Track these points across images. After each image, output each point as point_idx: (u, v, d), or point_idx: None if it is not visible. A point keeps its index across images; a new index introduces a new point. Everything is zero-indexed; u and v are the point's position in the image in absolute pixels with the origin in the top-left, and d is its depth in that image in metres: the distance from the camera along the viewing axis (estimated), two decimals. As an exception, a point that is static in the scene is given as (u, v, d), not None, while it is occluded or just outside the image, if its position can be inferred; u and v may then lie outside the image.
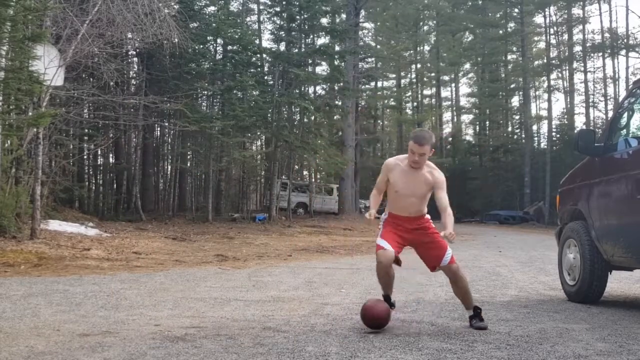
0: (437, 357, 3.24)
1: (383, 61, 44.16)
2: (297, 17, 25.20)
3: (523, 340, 3.67)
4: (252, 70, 24.71)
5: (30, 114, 10.71)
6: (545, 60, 39.93)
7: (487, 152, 44.16)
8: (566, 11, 39.15)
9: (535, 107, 43.51)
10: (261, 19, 35.43)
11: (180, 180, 27.73)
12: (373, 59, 42.84)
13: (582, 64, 38.39)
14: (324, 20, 28.22)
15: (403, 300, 5.40)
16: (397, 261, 4.15)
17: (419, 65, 50.63)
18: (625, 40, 34.55)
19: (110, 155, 26.30)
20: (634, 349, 3.45)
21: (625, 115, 5.29)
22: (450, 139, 50.21)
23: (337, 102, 28.67)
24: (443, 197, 4.07)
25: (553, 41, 40.66)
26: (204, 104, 26.15)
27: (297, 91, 25.57)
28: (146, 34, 14.03)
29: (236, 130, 22.16)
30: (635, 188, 4.58)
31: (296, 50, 25.57)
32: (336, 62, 27.74)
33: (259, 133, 28.76)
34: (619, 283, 6.68)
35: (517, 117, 44.06)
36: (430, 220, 4.22)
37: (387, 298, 4.24)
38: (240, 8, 33.05)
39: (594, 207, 5.22)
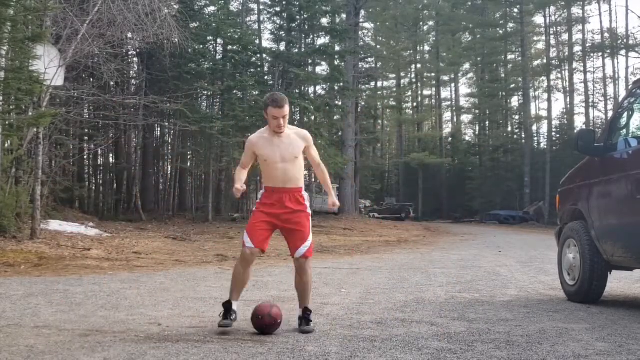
0: (437, 357, 3.24)
1: (383, 61, 44.19)
2: (297, 17, 25.20)
3: (523, 340, 3.67)
4: (252, 70, 24.71)
5: (30, 114, 10.71)
6: (545, 60, 39.95)
7: (487, 152, 44.17)
8: (566, 11, 39.17)
9: (535, 107, 43.57)
10: (261, 19, 35.48)
11: (180, 180, 27.73)
12: (373, 59, 42.86)
13: (582, 64, 38.44)
14: (324, 20, 28.22)
15: (403, 300, 5.40)
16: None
17: (419, 65, 50.67)
18: (625, 40, 34.57)
19: (110, 155, 26.31)
20: (634, 349, 3.45)
21: (625, 115, 5.29)
22: (450, 139, 50.22)
23: (337, 102, 28.66)
24: (314, 154, 4.10)
25: (553, 41, 40.69)
26: (204, 104, 26.16)
27: (297, 91, 25.56)
28: (146, 34, 14.03)
29: (236, 130, 22.15)
30: (635, 188, 4.58)
31: (296, 50, 25.57)
32: (336, 62, 27.74)
33: (259, 133, 28.70)
34: (619, 283, 6.68)
35: (517, 117, 44.08)
36: (307, 200, 4.08)
37: (228, 305, 3.95)
38: (240, 8, 33.09)
39: (594, 207, 5.22)
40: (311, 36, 28.78)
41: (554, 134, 40.22)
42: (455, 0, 43.64)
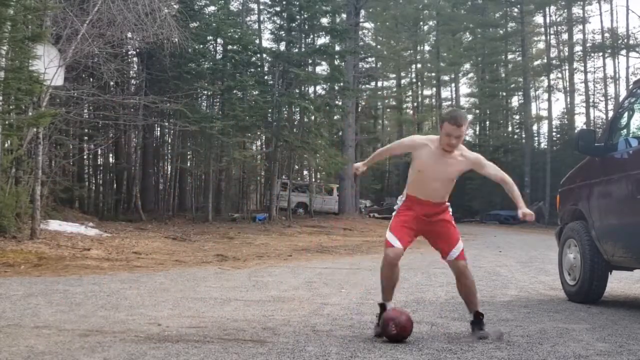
0: (437, 357, 3.24)
1: (383, 61, 44.16)
2: (297, 17, 25.17)
3: (523, 340, 3.67)
4: (252, 70, 24.69)
5: (30, 113, 10.70)
6: (545, 60, 39.92)
7: (487, 152, 44.03)
8: (566, 11, 39.14)
9: (535, 107, 43.51)
10: (261, 18, 35.47)
11: (180, 180, 27.72)
12: (373, 58, 42.84)
13: (582, 64, 38.40)
14: (324, 20, 28.20)
15: (403, 300, 5.40)
16: None
17: (419, 65, 50.64)
18: (625, 40, 34.54)
19: (110, 155, 26.29)
20: (634, 349, 3.45)
21: (626, 115, 5.29)
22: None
23: (337, 102, 28.64)
24: (493, 172, 3.88)
25: (553, 41, 40.65)
26: (204, 104, 26.12)
27: (297, 91, 25.55)
28: (146, 33, 14.03)
29: (236, 130, 22.14)
30: (635, 188, 4.57)
31: (296, 50, 25.55)
32: (336, 62, 27.72)
33: (259, 133, 28.73)
34: (619, 283, 6.67)
35: (517, 117, 44.04)
36: (450, 209, 3.98)
37: (383, 308, 3.84)
38: (240, 8, 33.05)
39: (594, 207, 5.21)
40: (311, 36, 28.77)
41: (554, 134, 40.19)
42: (456, 0, 43.62)
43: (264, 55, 25.75)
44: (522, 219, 3.75)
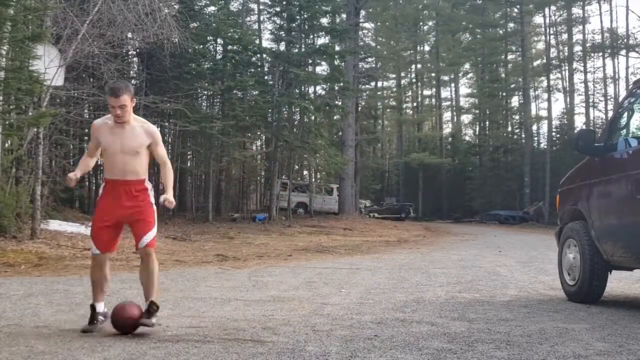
0: (437, 357, 3.24)
1: (383, 61, 44.16)
2: (297, 17, 25.18)
3: (523, 340, 3.67)
4: (252, 70, 24.70)
5: (30, 113, 10.71)
6: (545, 60, 39.93)
7: (487, 152, 44.16)
8: (566, 11, 39.16)
9: (535, 107, 43.53)
10: (261, 19, 35.50)
11: (180, 180, 27.70)
12: (373, 59, 42.84)
13: (582, 64, 38.42)
14: (324, 20, 28.20)
15: (403, 300, 5.41)
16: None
17: (419, 65, 50.67)
18: (625, 40, 34.55)
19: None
20: (634, 349, 3.45)
21: (625, 115, 5.29)
22: (450, 139, 50.22)
23: (337, 102, 28.65)
24: (160, 152, 4.03)
25: (553, 41, 40.67)
26: (204, 104, 26.14)
27: (297, 91, 25.56)
28: (146, 33, 14.03)
29: (236, 130, 22.14)
30: (635, 188, 4.58)
31: (296, 50, 25.56)
32: (336, 62, 27.72)
33: (259, 133, 28.76)
34: (619, 283, 6.68)
35: (517, 117, 44.06)
36: (150, 191, 4.01)
37: (93, 309, 3.92)
38: (240, 8, 33.06)
39: (594, 207, 5.22)
40: (311, 36, 28.77)
41: (554, 134, 40.20)
42: (455, 0, 43.62)
43: (264, 56, 25.75)
44: (162, 204, 3.94)
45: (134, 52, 22.12)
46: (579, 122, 39.67)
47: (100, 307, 3.97)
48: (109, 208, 3.94)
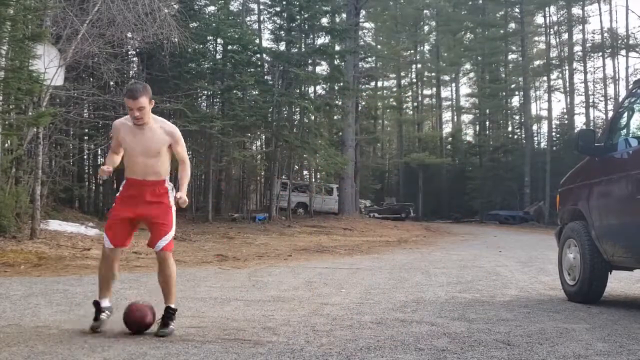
0: (437, 357, 3.24)
1: (383, 61, 44.16)
2: (297, 17, 25.18)
3: (523, 340, 3.66)
4: (252, 70, 24.68)
5: (30, 113, 10.71)
6: (545, 60, 39.92)
7: (487, 152, 44.14)
8: (566, 11, 39.15)
9: (535, 107, 43.54)
10: (261, 18, 35.50)
11: (180, 180, 27.70)
12: (373, 58, 42.84)
13: (582, 64, 38.41)
14: (324, 20, 28.21)
15: (403, 300, 5.40)
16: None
17: (419, 65, 50.64)
18: (625, 40, 34.54)
19: (110, 155, 26.23)
20: (634, 349, 3.45)
21: (626, 115, 5.29)
22: (450, 139, 50.22)
23: (337, 102, 28.65)
24: (180, 151, 4.00)
25: (553, 41, 40.68)
26: (204, 103, 26.12)
27: (297, 91, 25.56)
28: (146, 33, 14.02)
29: (236, 130, 22.13)
30: (635, 188, 4.58)
31: (296, 50, 25.56)
32: (336, 62, 27.71)
33: (259, 133, 28.74)
34: (619, 283, 6.68)
35: (517, 117, 44.06)
36: (170, 192, 4.01)
37: (97, 305, 3.87)
38: (240, 8, 33.07)
39: (594, 207, 5.21)
40: (311, 36, 28.76)
41: (554, 134, 40.21)
42: (456, 0, 43.61)
43: (264, 55, 25.75)
44: (176, 200, 3.93)
45: (134, 52, 22.11)
46: (579, 122, 39.70)
47: (105, 302, 3.93)
48: (130, 201, 3.94)
